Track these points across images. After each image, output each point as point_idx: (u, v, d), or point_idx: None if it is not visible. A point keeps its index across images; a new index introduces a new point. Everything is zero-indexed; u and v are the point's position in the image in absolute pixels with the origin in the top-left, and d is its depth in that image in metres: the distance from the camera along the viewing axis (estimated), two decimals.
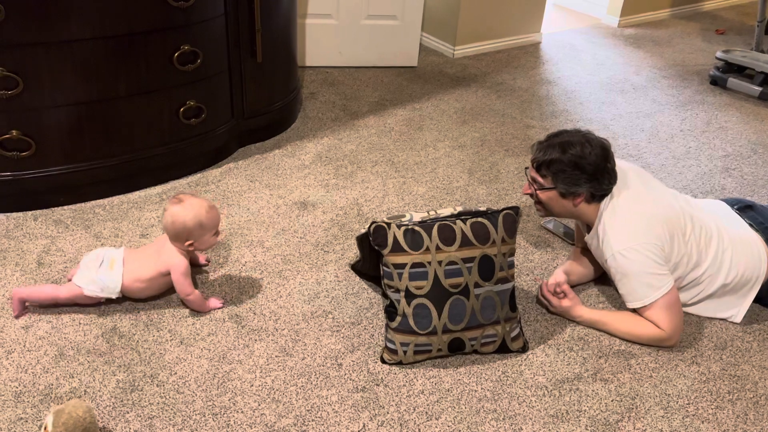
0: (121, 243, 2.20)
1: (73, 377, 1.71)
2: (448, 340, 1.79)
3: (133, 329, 1.87)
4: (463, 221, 1.80)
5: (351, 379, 1.76)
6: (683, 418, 1.72)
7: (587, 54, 4.22)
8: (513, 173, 2.79)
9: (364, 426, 1.64)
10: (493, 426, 1.66)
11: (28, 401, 1.64)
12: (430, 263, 1.76)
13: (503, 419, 1.68)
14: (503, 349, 1.86)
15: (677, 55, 4.28)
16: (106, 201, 2.42)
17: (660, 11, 4.96)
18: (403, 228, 1.77)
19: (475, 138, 3.07)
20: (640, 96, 3.64)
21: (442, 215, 1.83)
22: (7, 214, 2.30)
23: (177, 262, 1.86)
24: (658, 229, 1.86)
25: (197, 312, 1.94)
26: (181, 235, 1.84)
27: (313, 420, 1.64)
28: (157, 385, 1.71)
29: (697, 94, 3.71)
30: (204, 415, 1.64)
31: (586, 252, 2.16)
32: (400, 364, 1.82)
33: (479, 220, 1.81)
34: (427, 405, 1.71)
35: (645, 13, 4.87)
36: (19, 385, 1.68)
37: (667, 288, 1.85)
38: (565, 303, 1.98)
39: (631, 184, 1.94)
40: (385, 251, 1.77)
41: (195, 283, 2.02)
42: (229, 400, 1.68)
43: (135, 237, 2.24)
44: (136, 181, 2.48)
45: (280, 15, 2.71)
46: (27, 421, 1.59)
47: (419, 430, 1.64)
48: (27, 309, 1.90)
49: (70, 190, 2.36)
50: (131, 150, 2.41)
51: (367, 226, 1.82)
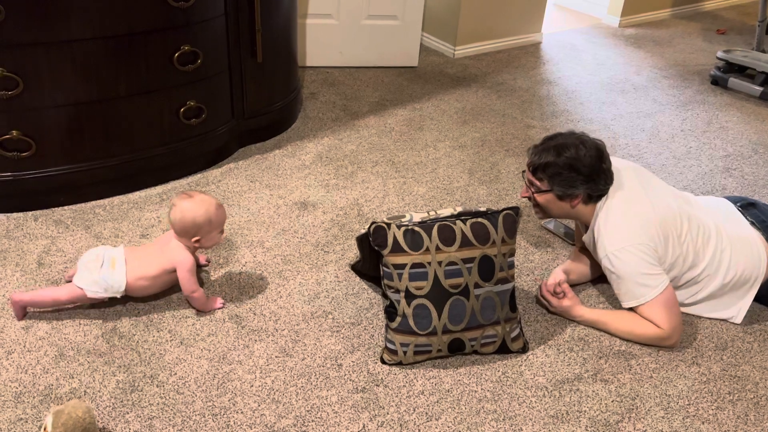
0: (121, 243, 2.20)
1: (73, 378, 1.71)
2: (448, 340, 1.79)
3: (133, 330, 1.87)
4: (463, 221, 1.80)
5: (351, 380, 1.76)
6: (684, 419, 1.72)
7: (588, 54, 4.21)
8: (513, 173, 2.79)
9: (364, 426, 1.64)
10: (493, 426, 1.66)
11: (28, 402, 1.64)
12: (430, 263, 1.76)
13: (503, 420, 1.68)
14: (503, 350, 1.86)
15: (678, 55, 4.28)
16: (106, 201, 2.42)
17: (661, 11, 4.96)
18: (403, 228, 1.77)
19: (475, 138, 3.07)
20: (641, 96, 3.64)
21: (442, 215, 1.83)
22: (8, 214, 2.30)
23: (183, 259, 1.86)
24: (651, 230, 1.86)
25: (197, 312, 1.94)
26: (189, 231, 1.84)
27: (313, 420, 1.64)
28: (157, 386, 1.71)
29: (697, 94, 3.70)
30: (204, 416, 1.64)
31: (585, 251, 2.16)
32: (400, 364, 1.82)
33: (479, 220, 1.81)
34: (427, 405, 1.71)
35: (646, 13, 4.87)
36: (19, 385, 1.68)
37: (662, 287, 1.85)
38: (565, 303, 1.98)
39: (628, 184, 1.94)
40: (385, 252, 1.77)
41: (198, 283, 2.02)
42: (229, 400, 1.68)
43: (135, 237, 2.24)
44: (136, 182, 2.48)
45: (280, 15, 2.70)
46: (27, 421, 1.59)
47: (419, 430, 1.64)
48: (28, 311, 1.90)
49: (70, 191, 2.36)
50: (131, 150, 2.41)
51: (367, 227, 1.82)
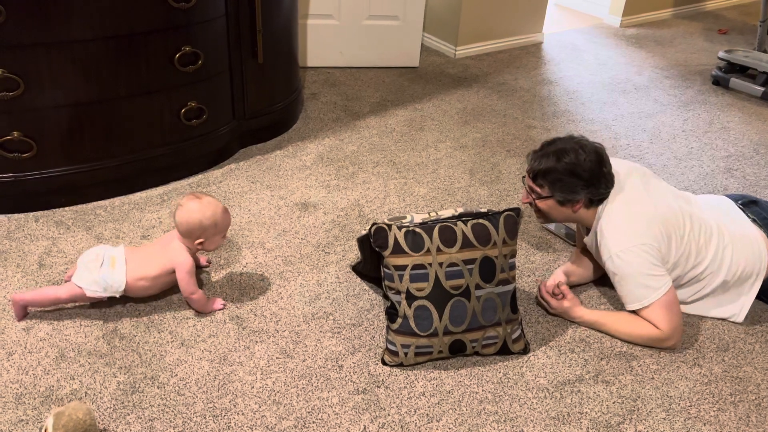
0: (122, 243, 2.20)
1: (73, 379, 1.71)
2: (449, 341, 1.79)
3: (134, 331, 1.87)
4: (464, 222, 1.80)
5: (352, 381, 1.76)
6: (685, 420, 1.71)
7: (589, 54, 4.21)
8: (514, 174, 2.79)
9: (364, 428, 1.63)
10: (494, 428, 1.66)
11: (29, 403, 1.64)
12: (431, 265, 1.75)
13: (504, 421, 1.68)
14: (504, 351, 1.85)
15: (679, 55, 4.27)
16: (107, 202, 2.42)
17: (662, 11, 4.95)
18: (403, 229, 1.77)
19: (476, 138, 3.06)
20: (642, 96, 3.63)
21: (443, 216, 1.82)
22: (9, 215, 2.30)
23: (183, 260, 1.86)
24: (654, 230, 1.86)
25: (198, 313, 1.94)
26: (193, 233, 1.85)
27: (313, 422, 1.64)
28: (158, 387, 1.71)
29: (699, 94, 3.70)
30: (204, 417, 1.63)
31: (586, 253, 2.16)
32: (400, 365, 1.81)
33: (480, 221, 1.81)
34: (428, 407, 1.70)
35: (647, 12, 4.86)
36: (20, 386, 1.68)
37: (665, 289, 1.85)
38: (565, 304, 1.97)
39: (629, 185, 1.93)
40: (386, 253, 1.77)
41: (198, 284, 2.02)
42: (229, 401, 1.68)
43: (136, 238, 2.24)
44: (137, 182, 2.48)
45: (281, 15, 2.70)
46: (28, 422, 1.59)
47: None
48: (28, 312, 1.90)
49: (71, 192, 2.36)
50: (132, 151, 2.41)
51: (368, 228, 1.81)
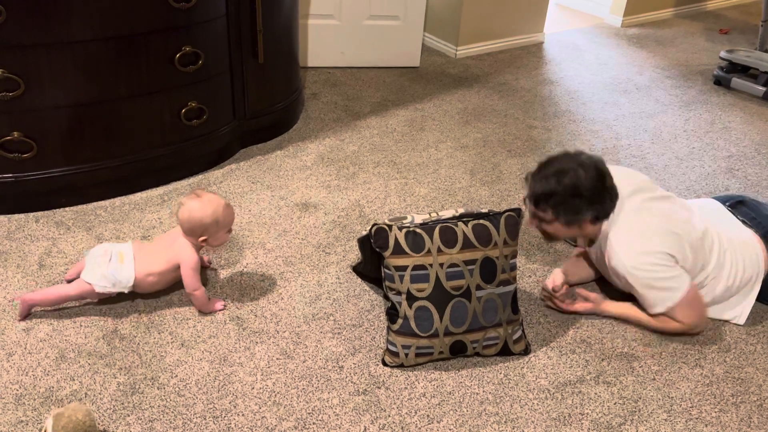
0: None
1: (73, 380, 1.71)
2: (449, 342, 1.78)
3: (134, 331, 1.87)
4: (465, 223, 1.80)
5: (352, 382, 1.76)
6: (686, 422, 1.71)
7: (590, 54, 4.20)
8: (515, 174, 2.78)
9: (365, 429, 1.63)
10: (494, 429, 1.65)
11: (29, 404, 1.64)
12: (431, 265, 1.75)
13: (505, 422, 1.67)
14: (505, 352, 1.85)
15: (681, 54, 4.27)
16: (107, 202, 2.42)
17: (663, 11, 4.94)
18: (404, 230, 1.77)
19: (477, 139, 3.06)
20: (644, 96, 3.63)
21: (443, 217, 1.82)
22: (9, 215, 2.30)
23: (188, 257, 1.87)
24: (666, 239, 1.85)
25: (198, 314, 1.94)
26: (196, 231, 1.85)
27: (314, 423, 1.64)
28: (158, 388, 1.70)
29: (700, 94, 3.69)
30: (205, 418, 1.63)
31: (586, 254, 2.15)
32: (401, 366, 1.81)
33: (481, 221, 1.81)
34: (429, 408, 1.70)
35: (648, 12, 4.85)
36: (20, 387, 1.68)
37: (684, 288, 1.85)
38: (589, 306, 2.00)
39: (631, 196, 1.92)
40: (387, 253, 1.77)
41: (202, 282, 2.02)
42: (229, 403, 1.68)
43: (136, 239, 2.24)
44: (137, 183, 2.48)
45: (281, 15, 2.70)
46: (27, 423, 1.59)
47: None
48: (31, 313, 1.90)
49: (71, 192, 2.36)
50: (132, 151, 2.41)
51: (369, 228, 1.81)
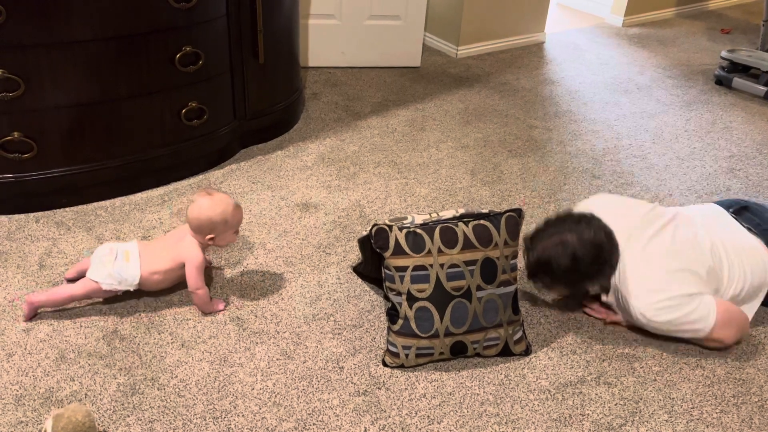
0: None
1: (73, 380, 1.71)
2: (450, 343, 1.78)
3: (134, 332, 1.86)
4: (465, 223, 1.79)
5: (352, 383, 1.76)
6: (687, 422, 1.71)
7: (591, 54, 4.20)
8: (516, 174, 2.78)
9: (365, 430, 1.63)
10: (495, 430, 1.65)
11: (29, 404, 1.63)
12: (432, 266, 1.75)
13: (506, 423, 1.67)
14: (506, 353, 1.85)
15: (682, 54, 4.26)
16: (107, 203, 2.41)
17: (665, 10, 4.94)
18: (404, 230, 1.76)
19: (478, 139, 3.05)
20: (645, 96, 3.62)
21: (444, 217, 1.82)
22: (9, 216, 2.30)
23: (193, 255, 1.87)
24: (675, 277, 1.82)
25: (198, 314, 1.94)
26: (204, 229, 1.85)
27: (314, 424, 1.63)
28: (158, 389, 1.70)
29: (701, 94, 3.68)
30: (205, 419, 1.63)
31: None
32: (401, 367, 1.81)
33: (481, 222, 1.80)
34: (429, 409, 1.70)
35: (649, 12, 4.85)
36: (20, 388, 1.68)
37: (711, 313, 1.80)
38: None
39: (630, 243, 1.87)
40: (387, 254, 1.76)
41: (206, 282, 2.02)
42: (230, 403, 1.68)
43: (137, 239, 2.23)
44: (137, 183, 2.48)
45: (282, 15, 2.70)
46: (27, 424, 1.58)
47: None
48: (38, 313, 1.90)
49: (71, 192, 2.35)
50: (133, 151, 2.41)
51: (369, 228, 1.81)
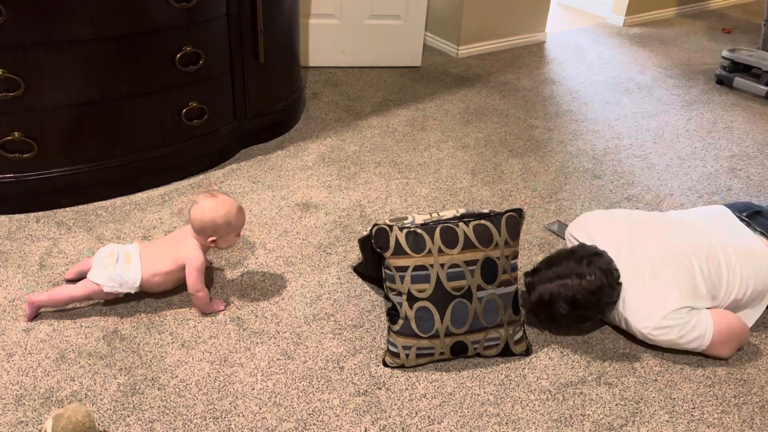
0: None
1: (73, 380, 1.71)
2: (450, 343, 1.78)
3: (134, 332, 1.86)
4: (466, 223, 1.79)
5: (353, 383, 1.75)
6: (688, 423, 1.70)
7: (592, 53, 4.19)
8: (517, 174, 2.78)
9: (365, 430, 1.63)
10: (495, 430, 1.65)
11: (29, 404, 1.63)
12: (432, 266, 1.74)
13: (506, 423, 1.67)
14: (506, 353, 1.84)
15: (683, 54, 4.25)
16: (108, 202, 2.41)
17: (665, 10, 4.93)
18: (405, 230, 1.76)
19: (478, 138, 3.05)
20: (645, 96, 3.62)
21: (444, 217, 1.82)
22: (10, 215, 2.30)
23: (194, 257, 1.87)
24: (672, 295, 1.81)
25: (199, 314, 1.94)
26: (206, 230, 1.85)
27: (314, 424, 1.63)
28: (158, 389, 1.70)
29: (702, 93, 3.68)
30: (205, 419, 1.63)
31: None
32: (402, 367, 1.81)
33: (482, 222, 1.80)
34: (430, 409, 1.69)
35: (650, 11, 4.84)
36: (20, 388, 1.68)
37: (708, 331, 1.80)
38: None
39: (620, 263, 1.88)
40: (387, 254, 1.76)
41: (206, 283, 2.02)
42: (230, 403, 1.67)
43: (137, 239, 2.23)
44: (138, 183, 2.48)
45: (282, 15, 2.69)
46: (28, 424, 1.58)
47: None
48: (40, 313, 1.90)
49: (72, 192, 2.35)
50: (133, 151, 2.40)
51: (369, 228, 1.80)
